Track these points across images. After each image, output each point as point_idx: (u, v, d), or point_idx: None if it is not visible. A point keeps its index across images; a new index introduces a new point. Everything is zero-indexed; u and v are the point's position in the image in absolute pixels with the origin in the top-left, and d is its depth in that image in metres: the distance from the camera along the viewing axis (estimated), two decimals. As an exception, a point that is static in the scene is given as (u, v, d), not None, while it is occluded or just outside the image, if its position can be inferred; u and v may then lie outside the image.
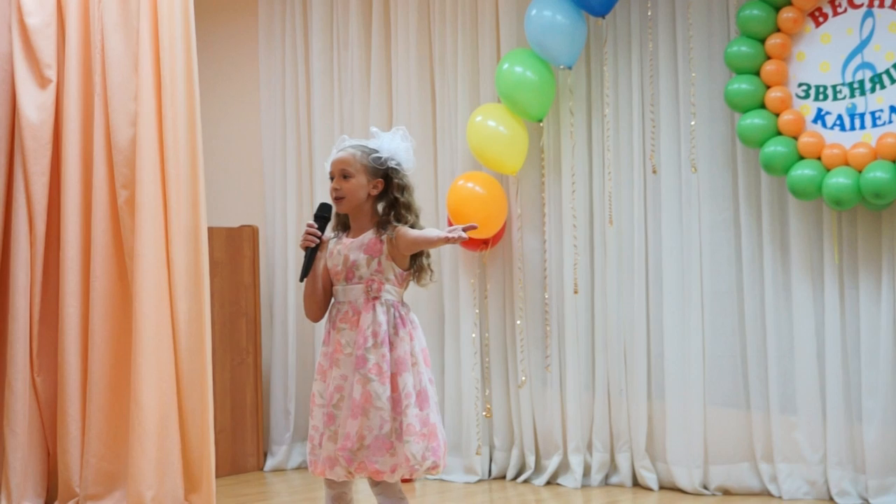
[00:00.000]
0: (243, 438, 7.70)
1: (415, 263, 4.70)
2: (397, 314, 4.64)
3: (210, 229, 6.52)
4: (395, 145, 4.71)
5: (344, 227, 4.78)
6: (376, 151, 4.69)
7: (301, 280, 4.73)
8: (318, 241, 4.67)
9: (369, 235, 4.66)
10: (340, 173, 4.67)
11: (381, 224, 4.67)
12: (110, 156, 6.37)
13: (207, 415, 6.22)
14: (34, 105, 6.50)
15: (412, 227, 4.67)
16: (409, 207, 4.68)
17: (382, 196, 4.71)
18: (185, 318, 6.23)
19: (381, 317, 4.60)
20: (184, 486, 6.25)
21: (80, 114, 6.47)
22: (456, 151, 7.31)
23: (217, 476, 6.35)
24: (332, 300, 4.74)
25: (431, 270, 4.75)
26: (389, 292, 4.64)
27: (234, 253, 7.68)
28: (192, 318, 6.24)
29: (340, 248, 4.70)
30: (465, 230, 4.47)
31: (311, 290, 4.74)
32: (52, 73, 6.52)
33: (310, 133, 7.85)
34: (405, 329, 4.64)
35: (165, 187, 6.26)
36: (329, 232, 4.80)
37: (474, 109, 7.12)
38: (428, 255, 4.73)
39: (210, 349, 6.26)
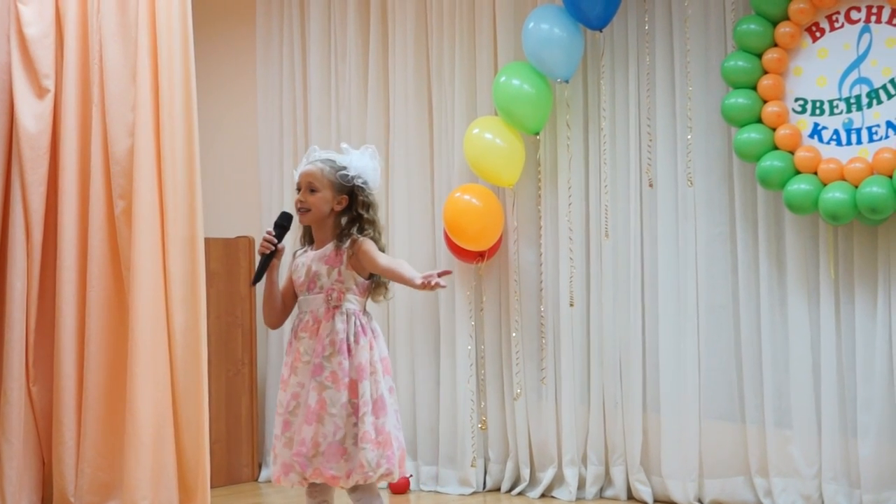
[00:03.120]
0: (238, 449, 7.70)
1: (373, 278, 4.79)
2: (358, 322, 4.72)
3: (206, 240, 6.52)
4: (363, 163, 4.80)
5: (310, 239, 4.88)
6: (344, 168, 4.77)
7: (252, 284, 4.87)
8: (273, 247, 4.75)
9: (330, 247, 4.75)
10: (307, 186, 4.77)
11: (342, 236, 4.75)
12: (108, 166, 6.38)
13: (203, 425, 6.23)
14: (32, 115, 6.51)
15: (375, 242, 4.74)
16: (372, 223, 4.77)
17: (346, 211, 4.79)
18: (181, 329, 6.24)
19: (340, 325, 4.69)
20: (179, 497, 6.26)
21: (77, 124, 6.48)
22: (453, 164, 7.31)
23: (212, 486, 6.36)
24: (296, 310, 4.82)
25: (387, 288, 4.83)
26: (350, 301, 4.73)
27: (231, 264, 7.68)
28: (188, 329, 6.25)
29: (304, 260, 4.82)
30: (440, 275, 4.49)
31: (270, 298, 4.86)
32: (50, 83, 6.53)
33: (307, 144, 7.83)
34: (366, 338, 4.73)
35: (162, 198, 6.27)
36: (296, 244, 4.93)
37: (471, 122, 7.12)
38: None
39: (206, 359, 6.27)
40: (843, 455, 6.33)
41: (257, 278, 4.78)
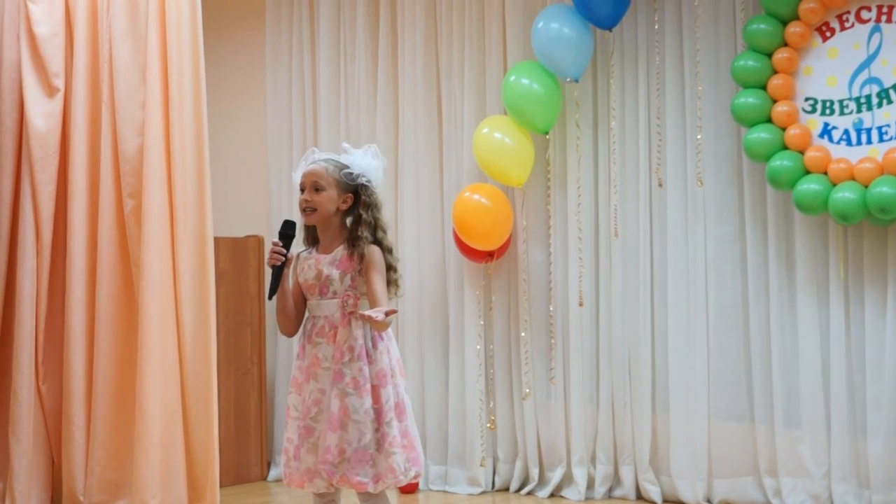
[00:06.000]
0: (247, 448, 7.70)
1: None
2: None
3: (216, 239, 6.53)
4: (366, 162, 4.79)
5: (314, 240, 4.86)
6: (348, 167, 4.75)
7: (269, 298, 4.81)
8: (283, 258, 4.71)
9: (341, 251, 4.73)
10: (312, 186, 4.75)
11: (353, 240, 4.73)
12: (117, 165, 6.39)
13: (212, 424, 6.24)
14: (42, 114, 6.52)
15: (380, 242, 4.73)
16: (375, 224, 4.75)
17: (350, 211, 4.78)
18: (190, 328, 6.24)
19: (357, 331, 4.68)
20: (188, 495, 6.26)
21: (87, 123, 6.49)
22: (462, 163, 7.31)
23: (221, 485, 6.36)
24: (307, 314, 4.79)
25: (398, 286, 4.82)
26: (365, 306, 4.68)
27: (240, 263, 7.68)
28: (197, 328, 6.25)
29: (312, 263, 4.78)
30: (387, 314, 4.49)
31: (283, 307, 4.82)
32: (59, 83, 6.54)
33: (316, 144, 7.84)
34: (383, 342, 4.74)
35: (172, 197, 6.27)
36: (300, 246, 4.89)
37: (481, 121, 7.12)
38: (395, 270, 4.79)
39: (215, 358, 6.28)
40: (853, 455, 6.32)
41: (272, 291, 4.75)
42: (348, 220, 4.79)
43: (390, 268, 4.76)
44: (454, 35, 7.37)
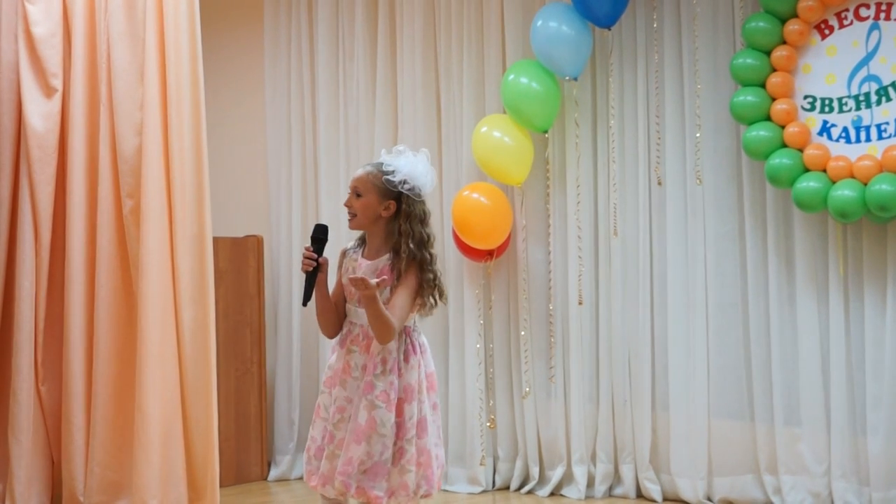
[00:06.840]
0: (247, 448, 7.69)
1: (421, 294, 4.67)
2: (408, 340, 4.64)
3: (215, 239, 6.51)
4: (412, 168, 4.63)
5: (363, 240, 4.77)
6: (391, 172, 4.62)
7: (304, 304, 4.71)
8: (316, 263, 4.64)
9: (384, 261, 4.64)
10: (354, 190, 4.66)
11: (398, 251, 4.61)
12: (116, 165, 6.38)
13: (212, 424, 6.24)
14: (40, 114, 6.51)
15: (420, 260, 4.60)
16: (412, 237, 4.62)
17: (397, 218, 4.65)
18: (189, 328, 6.23)
19: (392, 344, 4.60)
20: (188, 495, 6.26)
21: (85, 123, 6.48)
22: (461, 162, 7.30)
23: (221, 485, 6.36)
24: (346, 317, 4.74)
25: (436, 302, 4.69)
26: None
27: (239, 262, 7.67)
28: (196, 328, 6.24)
29: (355, 267, 4.68)
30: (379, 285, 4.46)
31: (322, 310, 4.72)
32: (57, 83, 6.53)
33: (315, 143, 7.85)
34: (415, 356, 4.65)
35: (171, 196, 6.26)
36: (348, 243, 4.81)
37: (480, 120, 7.12)
38: (430, 287, 4.66)
39: (214, 358, 6.27)
40: (853, 453, 6.32)
41: (307, 298, 4.65)
42: (395, 229, 4.65)
43: (423, 284, 4.63)
44: (453, 34, 7.36)
